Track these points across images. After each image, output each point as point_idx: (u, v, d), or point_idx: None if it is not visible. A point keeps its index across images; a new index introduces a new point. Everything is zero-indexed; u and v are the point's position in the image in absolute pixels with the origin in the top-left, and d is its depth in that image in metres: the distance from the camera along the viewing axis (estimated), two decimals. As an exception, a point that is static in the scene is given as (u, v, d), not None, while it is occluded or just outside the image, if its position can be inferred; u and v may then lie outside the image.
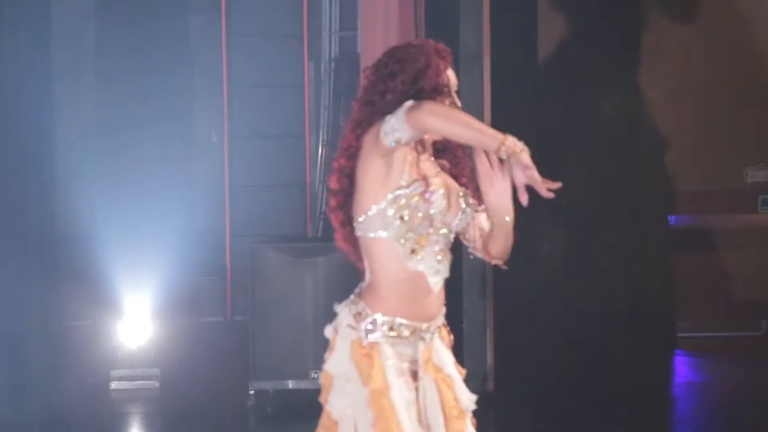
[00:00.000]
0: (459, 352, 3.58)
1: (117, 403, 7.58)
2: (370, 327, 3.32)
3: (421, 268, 3.32)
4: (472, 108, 7.31)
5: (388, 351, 3.31)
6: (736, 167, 9.31)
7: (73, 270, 9.50)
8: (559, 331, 8.82)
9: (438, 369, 3.39)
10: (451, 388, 3.40)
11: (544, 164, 3.22)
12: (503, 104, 7.69)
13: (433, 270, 3.35)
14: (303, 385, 7.22)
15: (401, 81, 3.30)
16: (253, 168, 10.65)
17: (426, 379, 3.37)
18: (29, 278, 8.54)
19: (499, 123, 3.61)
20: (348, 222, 3.41)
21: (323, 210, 10.35)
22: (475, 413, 3.49)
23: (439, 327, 3.44)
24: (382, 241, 3.30)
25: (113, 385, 7.77)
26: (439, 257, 3.36)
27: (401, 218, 3.27)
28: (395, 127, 3.15)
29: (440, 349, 3.43)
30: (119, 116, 9.49)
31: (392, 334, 3.32)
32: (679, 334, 9.15)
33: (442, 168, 3.45)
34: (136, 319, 8.07)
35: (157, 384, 7.78)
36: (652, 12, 9.18)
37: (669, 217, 9.19)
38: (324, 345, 7.29)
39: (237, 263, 10.15)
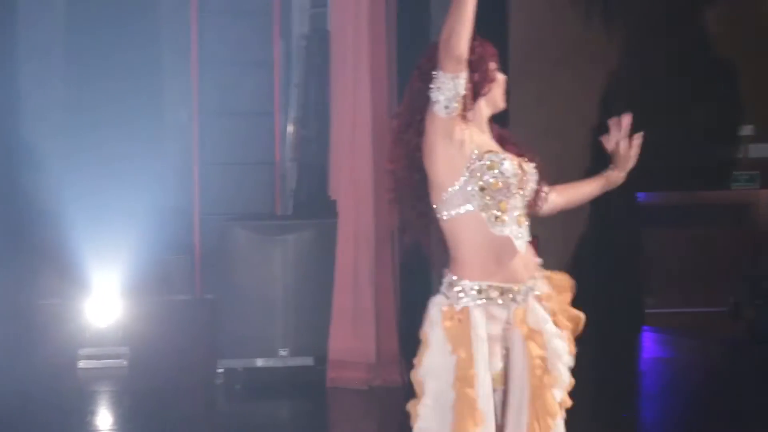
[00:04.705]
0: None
1: (85, 381, 7.56)
2: (461, 294, 3.47)
3: (506, 232, 3.50)
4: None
5: (478, 316, 3.45)
6: (705, 143, 9.35)
7: (42, 248, 9.46)
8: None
9: (532, 330, 3.53)
10: (542, 347, 3.53)
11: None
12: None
13: (517, 233, 3.53)
14: (272, 362, 7.23)
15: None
16: (223, 146, 10.59)
17: (516, 336, 3.51)
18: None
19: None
20: (426, 212, 3.56)
21: (292, 188, 10.33)
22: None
23: (547, 295, 3.60)
24: (465, 215, 3.48)
25: (81, 363, 7.75)
26: (519, 221, 3.55)
27: (482, 189, 3.46)
28: (438, 85, 3.36)
29: (536, 310, 3.56)
30: (87, 94, 9.43)
31: (481, 297, 3.47)
32: (646, 310, 9.20)
33: (501, 142, 3.64)
34: (104, 298, 8.05)
35: (125, 362, 7.77)
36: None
37: (637, 194, 9.20)
38: (293, 323, 7.25)
39: (206, 241, 10.11)
